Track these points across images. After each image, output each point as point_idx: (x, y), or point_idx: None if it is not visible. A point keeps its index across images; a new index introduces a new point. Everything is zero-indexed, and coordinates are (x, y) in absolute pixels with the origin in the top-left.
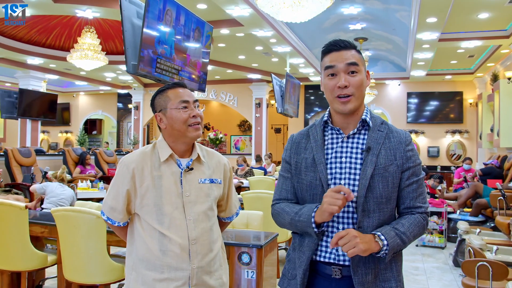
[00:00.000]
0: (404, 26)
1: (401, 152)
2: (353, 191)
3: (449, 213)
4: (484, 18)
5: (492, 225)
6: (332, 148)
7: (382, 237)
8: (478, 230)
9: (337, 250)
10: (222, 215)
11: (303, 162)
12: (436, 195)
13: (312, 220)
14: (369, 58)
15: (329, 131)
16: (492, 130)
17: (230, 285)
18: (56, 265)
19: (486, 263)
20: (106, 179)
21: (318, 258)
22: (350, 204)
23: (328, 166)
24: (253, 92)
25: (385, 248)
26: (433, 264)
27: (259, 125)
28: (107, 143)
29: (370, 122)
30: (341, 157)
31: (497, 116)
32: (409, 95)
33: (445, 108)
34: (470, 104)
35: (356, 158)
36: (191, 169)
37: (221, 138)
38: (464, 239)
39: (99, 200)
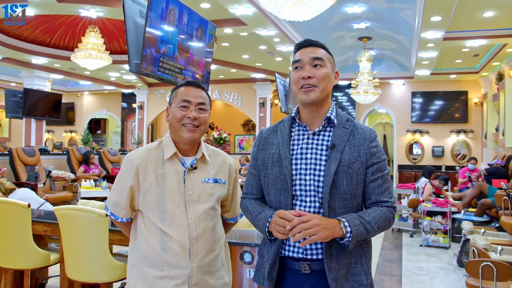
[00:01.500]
0: (409, 25)
1: (365, 149)
2: (318, 187)
3: (454, 213)
4: (489, 16)
5: (497, 225)
6: (298, 144)
7: (346, 224)
8: (482, 230)
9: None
10: (226, 215)
11: (269, 157)
12: (441, 196)
13: (266, 230)
14: (373, 57)
15: (296, 127)
16: (497, 129)
17: (232, 284)
18: (59, 264)
19: (490, 263)
20: (110, 178)
21: (286, 253)
22: (317, 200)
23: (293, 162)
24: (257, 92)
25: (348, 235)
26: (437, 264)
27: (263, 125)
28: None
29: (335, 120)
30: (306, 153)
31: (502, 115)
32: (414, 94)
33: (450, 107)
34: (475, 103)
35: (321, 155)
36: (195, 168)
37: (225, 137)
38: (468, 239)
39: (102, 199)
